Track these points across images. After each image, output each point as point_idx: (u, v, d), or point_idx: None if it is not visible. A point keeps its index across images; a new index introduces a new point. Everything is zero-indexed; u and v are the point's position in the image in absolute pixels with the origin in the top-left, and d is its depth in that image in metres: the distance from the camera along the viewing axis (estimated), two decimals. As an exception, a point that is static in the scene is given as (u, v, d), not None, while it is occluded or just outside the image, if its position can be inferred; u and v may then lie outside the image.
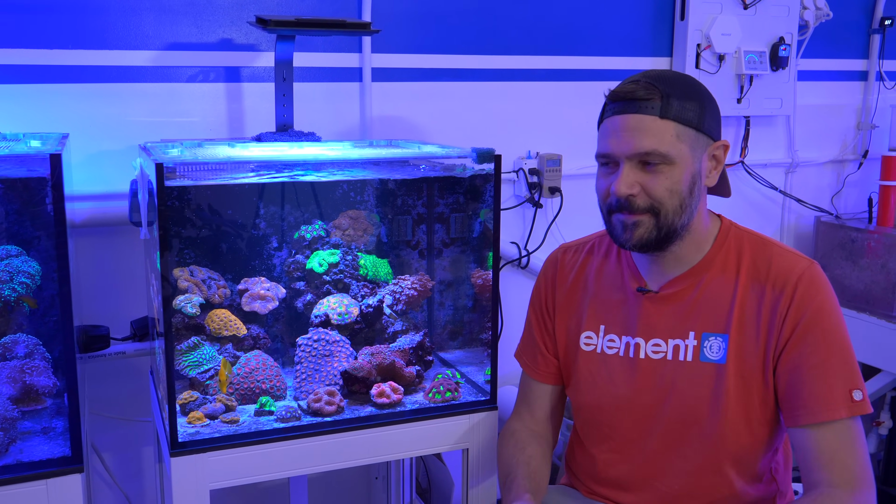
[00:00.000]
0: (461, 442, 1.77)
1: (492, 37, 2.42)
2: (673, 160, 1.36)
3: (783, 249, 1.46)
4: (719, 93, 2.61)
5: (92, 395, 2.13)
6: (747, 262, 1.45)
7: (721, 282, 1.45)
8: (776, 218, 2.92)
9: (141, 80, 2.09)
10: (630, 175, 1.37)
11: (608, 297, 1.55)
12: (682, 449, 1.45)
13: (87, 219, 2.07)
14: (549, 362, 1.62)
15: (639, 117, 1.36)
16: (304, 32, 1.77)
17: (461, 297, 2.02)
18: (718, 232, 1.49)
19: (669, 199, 1.37)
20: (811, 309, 1.38)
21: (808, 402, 1.36)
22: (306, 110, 2.21)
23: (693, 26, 2.57)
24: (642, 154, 1.36)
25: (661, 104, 1.35)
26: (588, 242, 1.64)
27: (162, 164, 1.46)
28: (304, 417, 1.67)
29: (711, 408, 1.42)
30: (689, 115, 1.37)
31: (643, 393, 1.48)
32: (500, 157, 1.70)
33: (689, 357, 1.44)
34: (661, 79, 1.38)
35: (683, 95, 1.37)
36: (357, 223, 1.93)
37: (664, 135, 1.35)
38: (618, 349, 1.51)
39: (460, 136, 2.41)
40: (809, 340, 1.37)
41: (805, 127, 2.89)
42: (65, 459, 1.48)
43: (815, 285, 1.40)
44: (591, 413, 1.55)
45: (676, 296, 1.47)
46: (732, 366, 1.42)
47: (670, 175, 1.37)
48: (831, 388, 1.35)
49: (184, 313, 1.75)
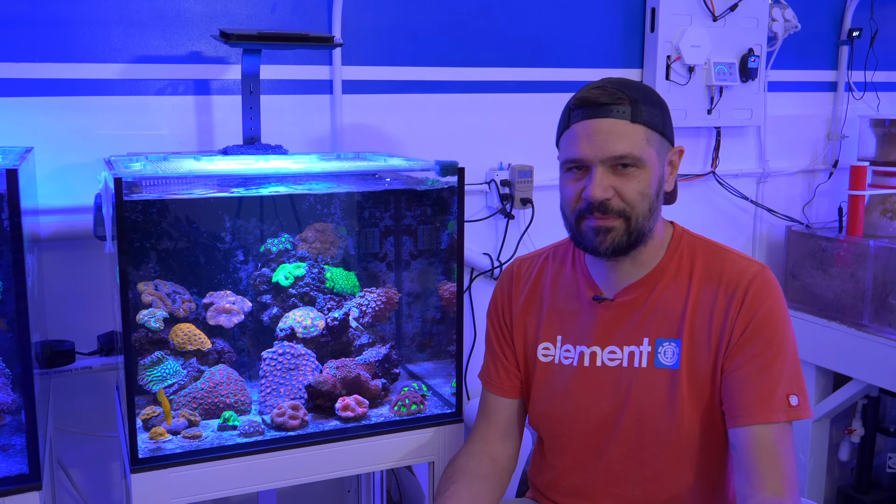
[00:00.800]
0: (427, 455, 1.77)
1: (463, 49, 2.43)
2: (644, 163, 1.38)
3: (735, 255, 1.48)
4: (690, 104, 2.64)
5: (59, 411, 2.11)
6: (700, 267, 1.46)
7: (674, 288, 1.46)
8: (748, 227, 2.93)
9: (109, 93, 2.09)
10: (604, 179, 1.37)
11: (564, 306, 1.55)
12: (639, 455, 1.46)
13: (54, 232, 2.06)
14: (510, 374, 1.61)
15: (611, 121, 1.36)
16: (266, 46, 1.77)
17: (429, 309, 2.02)
18: (671, 238, 1.50)
19: (640, 203, 1.39)
20: (760, 312, 1.39)
21: (750, 402, 1.36)
22: (277, 122, 2.22)
23: (663, 38, 2.59)
24: (616, 158, 1.36)
25: (631, 108, 1.36)
26: (543, 254, 1.64)
27: (121, 178, 1.45)
28: (268, 432, 1.67)
29: (667, 413, 1.43)
30: (656, 120, 1.39)
31: (601, 401, 1.48)
32: (463, 169, 1.71)
33: (644, 363, 1.45)
34: (625, 84, 1.40)
35: (648, 101, 1.39)
36: (323, 236, 1.93)
37: (636, 138, 1.37)
38: (573, 359, 1.51)
39: (432, 147, 2.41)
40: (756, 342, 1.38)
41: (776, 137, 2.91)
42: (22, 477, 1.47)
43: (765, 289, 1.41)
44: (550, 424, 1.55)
45: (632, 303, 1.48)
46: (685, 371, 1.43)
47: (641, 179, 1.38)
48: (772, 390, 1.36)
49: (147, 328, 1.74)
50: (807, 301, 2.79)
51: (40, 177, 2.03)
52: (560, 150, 1.45)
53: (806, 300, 2.79)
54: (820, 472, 2.86)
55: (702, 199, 2.83)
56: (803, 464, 2.84)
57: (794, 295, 2.83)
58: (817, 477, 2.86)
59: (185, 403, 1.72)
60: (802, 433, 2.83)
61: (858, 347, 2.57)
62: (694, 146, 2.79)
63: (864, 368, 2.56)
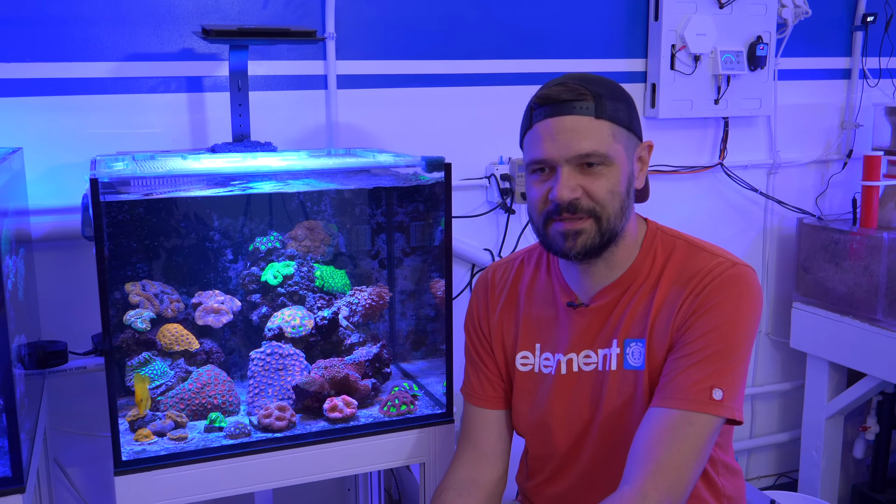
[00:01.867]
0: (417, 456, 1.74)
1: (460, 41, 2.39)
2: (612, 161, 1.32)
3: (710, 254, 1.40)
4: (696, 94, 2.59)
5: (54, 411, 2.11)
6: (673, 266, 1.39)
7: (645, 288, 1.40)
8: (758, 220, 2.87)
9: (100, 92, 2.07)
10: (570, 178, 1.32)
11: (541, 314, 1.50)
12: (613, 460, 1.40)
13: (47, 233, 2.05)
14: (495, 385, 1.55)
15: (574, 118, 1.31)
16: (246, 42, 1.74)
17: (422, 307, 1.99)
18: (644, 237, 1.44)
19: (611, 202, 1.33)
20: (710, 303, 1.32)
21: (669, 387, 1.30)
22: (270, 119, 2.19)
23: (667, 27, 2.53)
24: (582, 156, 1.31)
25: (594, 104, 1.31)
26: (517, 258, 1.59)
27: (97, 179, 1.44)
28: (255, 433, 1.65)
29: (634, 415, 1.38)
30: (622, 115, 1.34)
31: (580, 407, 1.44)
32: (449, 165, 1.67)
33: (615, 366, 1.40)
34: (587, 80, 1.34)
35: (612, 95, 1.34)
36: (314, 234, 1.91)
37: (601, 135, 1.31)
38: (552, 367, 1.47)
39: (429, 142, 2.37)
40: (695, 329, 1.32)
41: (787, 127, 2.83)
42: (5, 480, 1.46)
43: (725, 285, 1.34)
44: (533, 433, 1.51)
45: (605, 307, 1.43)
46: (648, 371, 1.37)
47: (610, 176, 1.33)
48: (692, 379, 1.29)
49: (134, 328, 1.73)
50: (819, 295, 2.72)
51: (32, 177, 2.02)
52: (524, 151, 1.40)
53: (818, 294, 2.72)
54: (834, 471, 2.80)
55: (709, 191, 2.77)
56: (816, 461, 2.78)
57: (805, 289, 2.77)
58: (831, 475, 2.80)
59: (172, 405, 1.71)
60: (815, 430, 2.77)
61: (872, 343, 2.50)
62: (701, 137, 2.73)
63: (879, 364, 2.49)
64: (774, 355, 2.99)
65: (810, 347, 2.75)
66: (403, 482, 2.39)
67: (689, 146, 2.72)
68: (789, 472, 3.08)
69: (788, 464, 3.09)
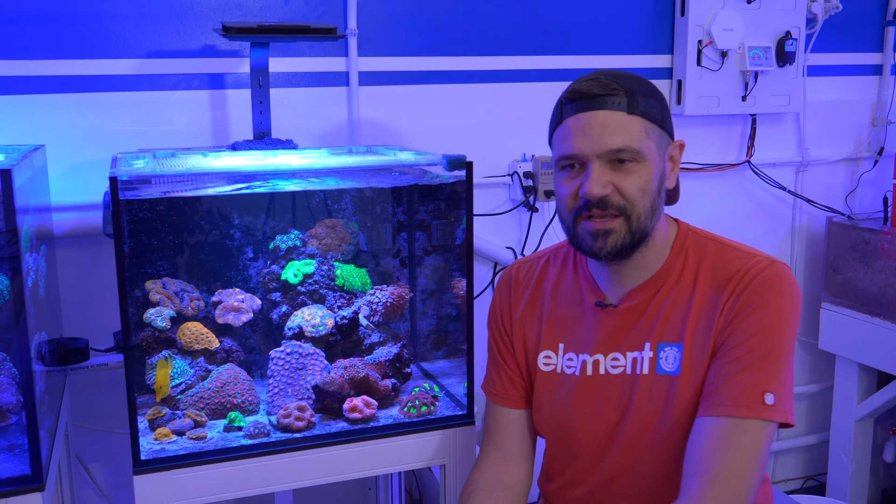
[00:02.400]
0: (438, 458, 1.73)
1: (483, 37, 2.37)
2: (643, 157, 1.30)
3: (746, 252, 1.37)
4: (723, 90, 2.54)
5: (76, 407, 2.12)
6: (707, 268, 1.37)
7: (679, 290, 1.37)
8: (786, 219, 2.82)
9: (123, 89, 2.08)
10: (601, 174, 1.28)
11: (566, 313, 1.47)
12: (641, 467, 1.38)
13: (70, 230, 2.05)
14: (516, 384, 1.53)
15: (606, 113, 1.28)
16: (265, 38, 1.73)
17: (443, 307, 1.97)
18: (676, 237, 1.41)
19: (642, 200, 1.30)
20: (753, 304, 1.30)
21: (718, 394, 1.27)
22: (292, 116, 2.19)
23: (694, 22, 2.49)
24: (614, 151, 1.28)
25: (627, 99, 1.28)
26: (543, 256, 1.56)
27: (116, 177, 1.43)
28: (274, 433, 1.64)
29: (666, 422, 1.35)
30: (654, 112, 1.31)
31: (605, 410, 1.41)
32: (471, 163, 1.65)
33: (646, 370, 1.37)
34: (619, 76, 1.32)
35: (645, 91, 1.31)
36: (334, 232, 1.89)
37: (634, 131, 1.28)
38: (576, 368, 1.44)
39: (452, 139, 2.35)
40: (739, 333, 1.29)
41: (816, 124, 2.78)
42: (25, 478, 1.46)
43: (768, 283, 1.31)
44: (554, 435, 1.48)
45: (635, 308, 1.40)
46: (686, 376, 1.34)
47: (642, 174, 1.30)
48: (743, 385, 1.26)
49: (154, 326, 1.72)
50: (848, 296, 2.67)
51: (55, 174, 2.02)
52: (553, 148, 1.37)
53: (848, 295, 2.67)
54: (863, 474, 2.75)
55: (736, 189, 2.73)
56: (845, 465, 2.73)
57: (834, 289, 2.71)
58: (860, 479, 2.74)
59: (191, 403, 1.70)
60: (844, 433, 2.72)
61: (903, 344, 2.45)
62: (728, 135, 2.68)
63: (910, 366, 2.45)
64: (803, 356, 2.94)
65: (839, 349, 2.70)
66: (424, 482, 2.37)
67: (716, 143, 2.67)
68: (817, 475, 3.04)
69: (816, 467, 3.04)
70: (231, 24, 1.65)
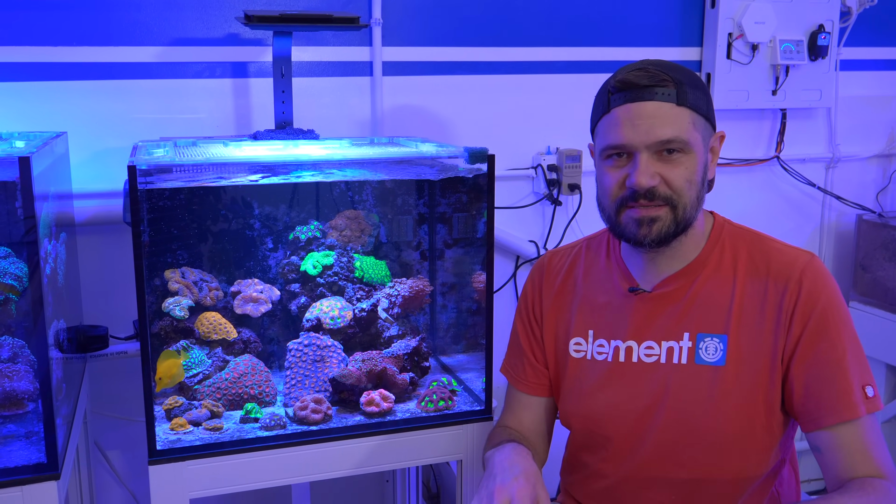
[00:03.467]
0: (454, 453, 1.71)
1: (508, 28, 2.33)
2: (691, 149, 1.30)
3: (780, 244, 1.39)
4: (752, 84, 2.50)
5: (95, 394, 2.12)
6: (744, 259, 1.38)
7: (717, 280, 1.37)
8: (814, 216, 2.76)
9: (146, 77, 2.07)
10: (650, 165, 1.29)
11: (596, 299, 1.46)
12: (677, 457, 1.36)
13: (91, 217, 2.05)
14: (538, 372, 1.53)
15: (656, 104, 1.28)
16: (288, 27, 1.71)
17: (463, 300, 1.94)
18: (712, 229, 1.41)
19: (688, 191, 1.31)
20: (820, 304, 1.31)
21: (831, 401, 1.29)
22: (314, 105, 2.17)
23: (724, 14, 2.44)
24: (663, 142, 1.28)
25: (676, 91, 1.28)
26: (577, 246, 1.56)
27: (135, 166, 1.42)
28: (290, 425, 1.63)
29: (708, 413, 1.33)
30: (701, 103, 1.31)
31: (636, 399, 1.39)
32: (493, 156, 1.62)
33: (685, 360, 1.36)
34: (666, 66, 1.31)
35: (692, 83, 1.31)
36: (354, 223, 1.88)
37: (683, 122, 1.29)
38: (607, 354, 1.42)
39: (475, 131, 2.33)
40: (824, 339, 1.31)
41: (847, 119, 2.72)
42: (40, 466, 1.46)
43: (820, 279, 1.33)
44: (582, 423, 1.46)
45: (670, 295, 1.39)
46: (732, 368, 1.33)
47: (689, 165, 1.30)
48: (850, 385, 1.29)
49: (172, 316, 1.72)
50: (878, 295, 2.61)
51: (77, 161, 2.02)
52: (598, 137, 1.37)
53: (877, 294, 2.62)
54: (889, 476, 2.69)
55: (765, 185, 2.68)
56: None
57: (863, 288, 2.66)
58: (885, 481, 2.69)
59: (208, 394, 1.69)
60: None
61: (933, 345, 2.40)
62: (757, 129, 2.63)
63: (939, 368, 2.39)
64: (829, 356, 2.88)
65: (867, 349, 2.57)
66: (442, 475, 2.36)
67: (745, 138, 2.63)
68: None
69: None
70: (253, 13, 1.63)
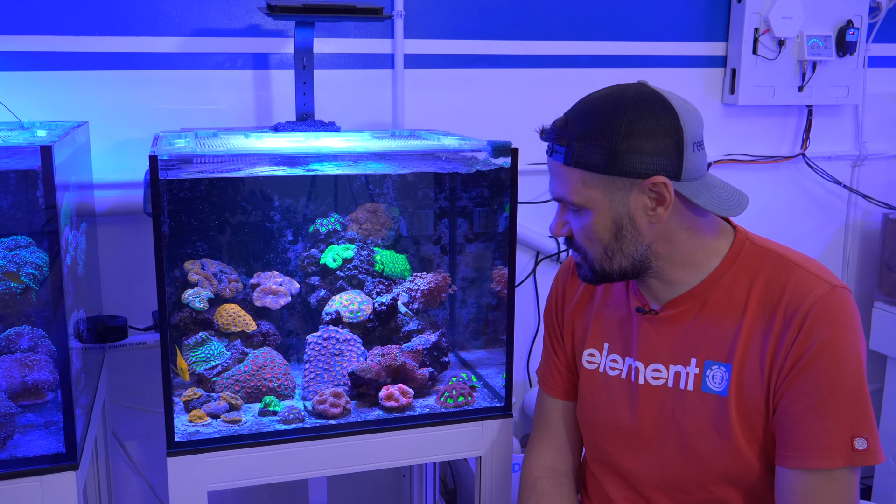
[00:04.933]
0: (473, 450, 1.69)
1: (532, 21, 2.31)
2: (584, 207, 1.28)
3: (804, 272, 1.26)
4: (779, 80, 2.46)
5: (114, 385, 2.12)
6: (760, 284, 1.28)
7: (728, 305, 1.29)
8: (839, 215, 2.72)
9: (167, 67, 2.06)
10: (563, 214, 1.35)
11: (612, 313, 1.43)
12: (680, 483, 1.33)
13: (112, 207, 2.05)
14: (563, 375, 1.52)
15: (552, 162, 1.32)
16: (310, 18, 1.69)
17: (484, 295, 1.93)
18: (730, 249, 1.32)
19: (590, 245, 1.32)
20: (818, 341, 1.20)
21: (802, 443, 1.20)
22: (336, 98, 2.16)
23: (751, 9, 2.40)
24: (559, 198, 1.33)
25: (566, 150, 1.27)
26: None
27: (156, 156, 1.41)
28: (309, 419, 1.62)
29: (714, 441, 1.29)
30: (596, 160, 1.23)
31: (643, 421, 1.36)
32: (516, 150, 1.60)
33: (691, 386, 1.31)
34: (578, 115, 1.28)
35: (593, 136, 1.23)
36: (375, 217, 1.86)
37: (571, 181, 1.28)
38: (620, 370, 1.40)
39: (498, 124, 2.31)
40: (810, 376, 1.20)
41: (875, 117, 2.68)
42: (59, 456, 1.46)
43: (827, 315, 1.21)
44: (593, 435, 1.45)
45: (678, 317, 1.33)
46: (734, 399, 1.27)
47: (585, 222, 1.30)
48: (829, 432, 1.19)
49: (191, 308, 1.71)
50: (903, 297, 2.58)
51: (97, 151, 2.02)
52: None
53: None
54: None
55: (789, 183, 2.64)
56: (893, 469, 2.64)
57: (888, 288, 2.62)
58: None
59: (227, 386, 1.69)
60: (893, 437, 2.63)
61: (960, 348, 2.36)
62: (782, 126, 2.60)
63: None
64: (852, 356, 2.84)
65: (891, 350, 2.61)
66: (459, 472, 2.34)
67: (770, 135, 2.59)
68: (864, 478, 2.95)
69: (863, 470, 2.94)
70: (276, 3, 1.62)
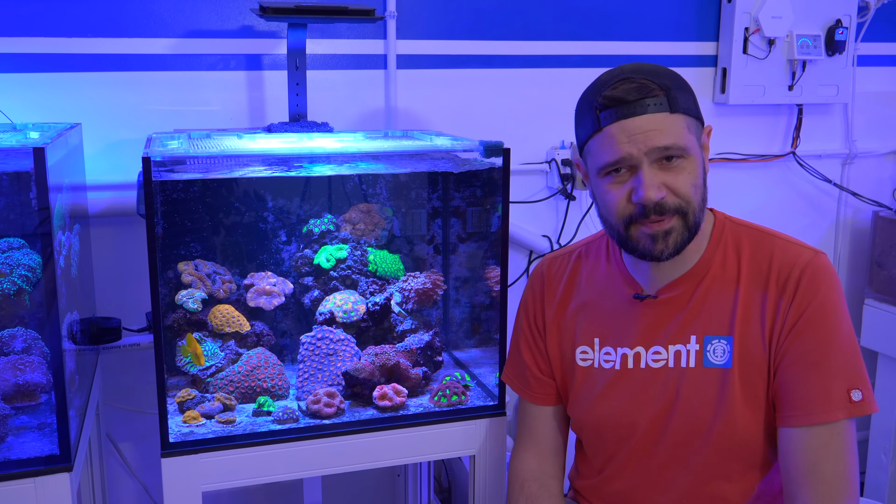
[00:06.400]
0: (467, 448, 1.70)
1: (524, 22, 2.32)
2: (690, 153, 1.27)
3: (785, 241, 1.36)
4: (769, 79, 2.47)
5: (108, 386, 2.12)
6: (747, 257, 1.35)
7: (722, 282, 1.35)
8: (830, 213, 2.74)
9: (160, 69, 2.06)
10: (654, 177, 1.25)
11: (600, 306, 1.44)
12: (689, 461, 1.36)
13: (105, 209, 2.05)
14: (543, 384, 1.52)
15: (649, 117, 1.24)
16: (303, 19, 1.70)
17: (477, 295, 1.94)
18: (713, 227, 1.39)
19: (695, 195, 1.28)
20: (813, 303, 1.28)
21: (805, 401, 1.26)
22: (329, 98, 2.16)
23: (741, 8, 2.42)
24: (662, 149, 1.24)
25: (666, 98, 1.25)
26: (574, 251, 1.53)
27: (150, 157, 1.42)
28: (303, 419, 1.62)
29: (719, 416, 1.32)
30: (690, 104, 1.29)
31: (646, 405, 1.38)
32: (508, 150, 1.61)
33: (693, 363, 1.35)
34: (651, 72, 1.28)
35: (678, 86, 1.28)
36: (368, 217, 1.87)
37: (678, 129, 1.26)
38: (614, 362, 1.41)
39: (490, 124, 2.31)
40: (809, 336, 1.28)
41: (865, 116, 2.70)
42: (53, 458, 1.46)
43: (818, 278, 1.29)
44: (593, 430, 1.46)
45: (676, 300, 1.37)
46: (738, 370, 1.32)
47: (690, 170, 1.27)
48: (830, 387, 1.26)
49: (185, 308, 1.72)
50: (893, 292, 2.59)
51: (90, 152, 2.02)
52: (591, 156, 1.33)
53: (892, 291, 2.59)
54: (903, 476, 2.68)
55: (780, 181, 2.66)
56: (884, 465, 2.66)
57: (879, 285, 2.64)
58: (900, 480, 2.68)
59: (221, 387, 1.69)
60: (885, 433, 2.65)
61: (949, 344, 2.38)
62: (772, 125, 2.61)
63: (955, 367, 2.37)
64: (843, 354, 2.86)
65: (882, 346, 2.62)
66: (454, 470, 2.35)
67: (760, 134, 2.61)
68: (855, 475, 2.96)
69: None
70: (268, 5, 1.62)
